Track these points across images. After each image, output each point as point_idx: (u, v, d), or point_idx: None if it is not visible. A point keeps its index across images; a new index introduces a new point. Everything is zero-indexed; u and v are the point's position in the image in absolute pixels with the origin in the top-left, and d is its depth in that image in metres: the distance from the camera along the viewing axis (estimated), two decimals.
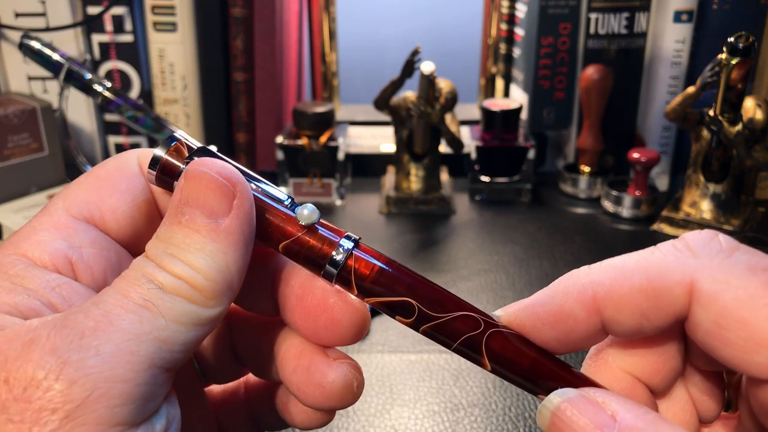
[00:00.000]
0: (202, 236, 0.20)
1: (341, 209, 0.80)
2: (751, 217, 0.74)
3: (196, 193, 0.20)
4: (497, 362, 0.22)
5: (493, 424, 0.47)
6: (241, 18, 0.79)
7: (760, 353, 0.18)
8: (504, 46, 0.91)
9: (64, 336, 0.18)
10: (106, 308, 0.19)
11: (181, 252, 0.20)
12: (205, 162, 0.21)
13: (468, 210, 0.80)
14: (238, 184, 0.21)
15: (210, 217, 0.20)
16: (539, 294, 0.22)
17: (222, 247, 0.20)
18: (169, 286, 0.19)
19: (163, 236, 0.20)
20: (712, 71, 0.67)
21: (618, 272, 0.20)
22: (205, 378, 0.27)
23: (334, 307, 0.23)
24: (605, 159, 0.84)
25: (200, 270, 0.20)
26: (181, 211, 0.20)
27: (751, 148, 0.69)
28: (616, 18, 0.79)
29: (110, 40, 0.80)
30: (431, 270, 0.66)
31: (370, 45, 1.05)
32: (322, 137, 0.78)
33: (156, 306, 0.19)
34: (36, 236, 0.21)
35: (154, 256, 0.20)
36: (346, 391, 0.23)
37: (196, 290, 0.20)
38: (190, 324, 0.19)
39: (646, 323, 0.20)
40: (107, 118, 0.84)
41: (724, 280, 0.19)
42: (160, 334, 0.19)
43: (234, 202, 0.20)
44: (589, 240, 0.73)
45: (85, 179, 0.23)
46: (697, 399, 0.23)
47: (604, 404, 0.19)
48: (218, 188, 0.20)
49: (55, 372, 0.17)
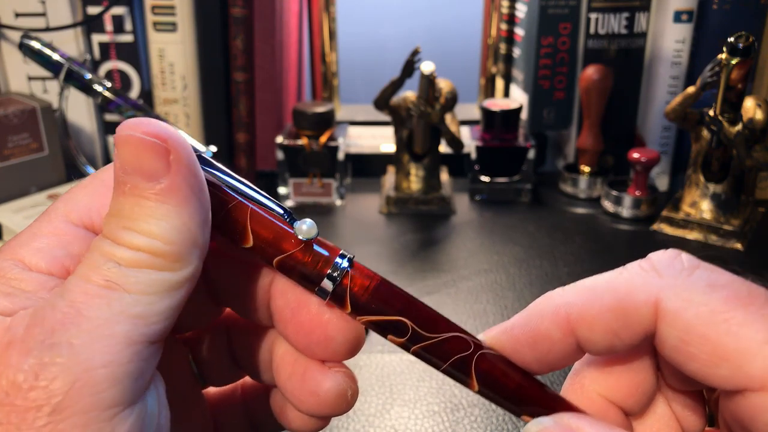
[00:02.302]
0: (149, 201, 0.19)
1: (341, 209, 0.80)
2: (751, 217, 0.74)
3: (130, 158, 0.19)
4: (485, 383, 0.22)
5: (493, 424, 0.47)
6: (241, 18, 0.79)
7: (722, 366, 0.19)
8: (504, 46, 0.91)
9: (36, 334, 0.18)
10: (71, 297, 0.18)
11: (133, 222, 0.19)
12: (130, 124, 0.20)
13: (468, 210, 0.80)
14: (169, 139, 0.19)
15: (150, 179, 0.19)
16: (517, 317, 0.23)
17: (172, 208, 0.19)
18: (128, 260, 0.19)
19: (113, 210, 0.20)
20: (712, 71, 0.67)
21: (589, 293, 0.21)
22: (203, 380, 0.27)
23: (329, 323, 0.23)
24: (605, 159, 0.84)
25: (156, 236, 0.19)
26: (123, 180, 0.19)
27: (751, 148, 0.69)
28: (616, 18, 0.79)
29: (110, 40, 0.80)
30: (431, 270, 0.66)
31: (370, 45, 1.05)
32: (322, 137, 0.78)
33: (119, 284, 0.19)
34: (35, 243, 0.21)
35: (108, 232, 0.19)
36: (340, 399, 0.23)
37: (158, 257, 0.19)
38: (161, 292, 0.19)
39: (617, 341, 0.21)
40: (107, 118, 0.84)
41: (687, 298, 0.20)
42: (132, 310, 0.18)
43: (170, 158, 0.19)
44: (589, 240, 0.73)
45: (89, 183, 0.22)
46: (681, 415, 0.23)
47: (579, 430, 0.20)
48: (150, 148, 0.19)
49: (34, 372, 0.17)
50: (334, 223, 0.77)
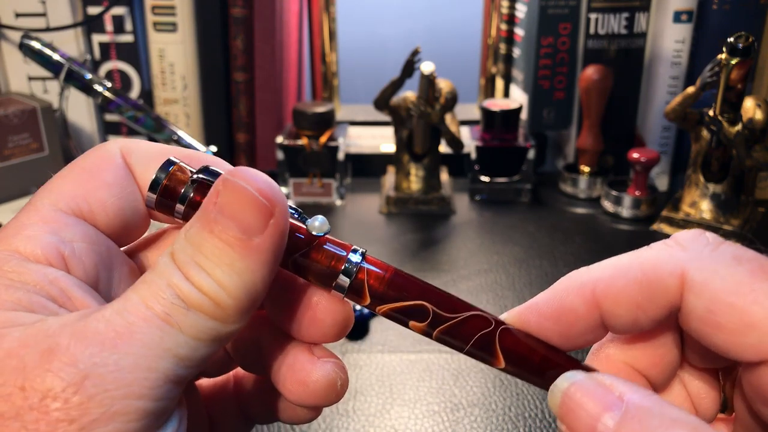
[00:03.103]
0: (233, 251, 0.19)
1: (341, 209, 0.80)
2: (750, 217, 0.74)
3: (233, 205, 0.19)
4: (510, 359, 0.23)
5: (493, 424, 0.47)
6: (241, 18, 0.79)
7: (749, 335, 0.19)
8: (504, 46, 0.91)
9: (85, 347, 0.18)
10: (128, 319, 0.18)
11: (210, 264, 0.19)
12: (246, 174, 0.20)
13: (468, 210, 0.80)
14: (277, 205, 0.20)
15: (244, 233, 0.19)
16: (541, 294, 0.23)
17: (251, 265, 0.19)
18: (193, 301, 0.19)
19: (193, 240, 0.20)
20: (712, 71, 0.67)
21: (614, 269, 0.21)
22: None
23: (318, 305, 0.23)
24: (605, 159, 0.84)
25: (226, 287, 0.19)
26: (215, 220, 0.19)
27: (751, 148, 0.69)
28: (616, 18, 0.79)
29: (110, 40, 0.80)
30: (431, 270, 0.66)
31: (370, 45, 1.05)
32: (322, 137, 0.78)
33: (177, 322, 0.19)
34: (25, 231, 0.21)
35: (181, 262, 0.19)
36: (329, 389, 0.23)
37: (220, 308, 0.19)
38: (209, 340, 0.19)
39: (642, 315, 0.21)
40: (107, 118, 0.84)
41: (713, 269, 0.20)
42: (179, 350, 0.19)
43: (270, 221, 0.20)
44: (589, 240, 0.73)
45: (69, 172, 0.22)
46: (695, 398, 0.23)
47: (612, 386, 0.20)
48: (257, 205, 0.19)
49: (75, 385, 0.17)
50: (334, 223, 0.77)
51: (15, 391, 0.17)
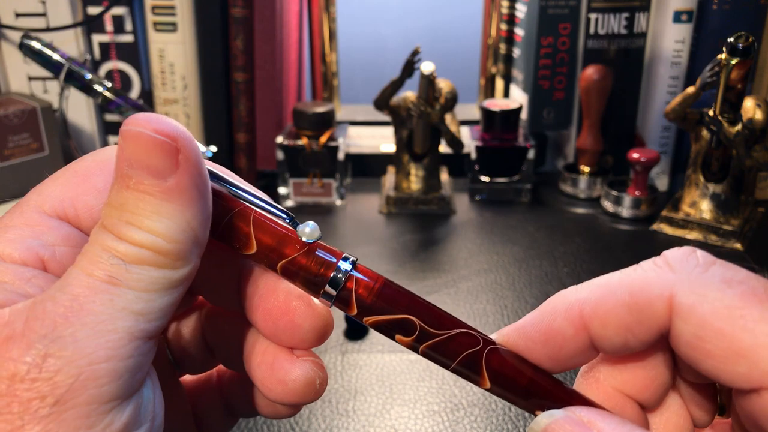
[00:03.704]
0: (153, 198, 0.19)
1: (341, 209, 0.80)
2: (750, 217, 0.74)
3: (137, 153, 0.19)
4: (496, 380, 0.22)
5: (493, 424, 0.47)
6: (241, 18, 0.79)
7: (739, 363, 0.18)
8: (504, 46, 0.91)
9: (38, 328, 0.18)
10: (73, 292, 0.18)
11: (137, 218, 0.19)
12: (139, 120, 0.19)
13: (468, 210, 0.80)
14: (179, 137, 0.19)
15: (158, 177, 0.19)
16: (529, 315, 0.22)
17: (177, 206, 0.19)
18: (132, 256, 0.19)
19: (115, 202, 0.19)
20: (712, 71, 0.67)
21: (602, 289, 0.21)
22: (178, 368, 0.28)
23: (296, 310, 0.23)
24: (605, 159, 0.84)
25: (161, 234, 0.19)
26: (127, 174, 0.19)
27: (751, 148, 0.69)
28: (616, 18, 0.79)
29: (110, 40, 0.80)
30: (431, 270, 0.66)
31: (370, 45, 1.05)
32: (322, 137, 0.78)
33: (122, 280, 0.19)
34: (6, 234, 0.21)
35: (110, 226, 0.19)
36: (308, 388, 0.23)
37: (161, 255, 0.19)
38: (162, 289, 0.19)
39: (631, 338, 0.21)
40: (107, 118, 0.84)
41: (702, 293, 0.19)
42: (133, 307, 0.19)
43: (179, 157, 0.19)
44: (589, 240, 0.73)
45: (62, 174, 0.22)
46: (691, 405, 0.23)
47: (590, 424, 0.20)
48: (159, 147, 0.19)
49: (37, 366, 0.17)
50: (334, 223, 0.77)
51: None
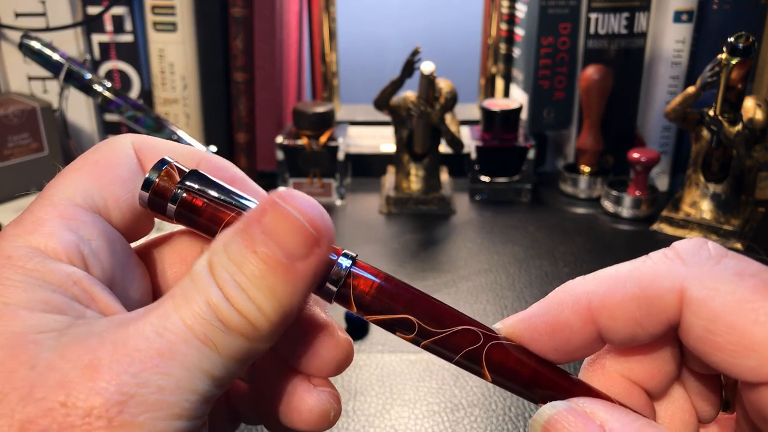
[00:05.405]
0: (275, 275, 0.19)
1: (341, 209, 0.80)
2: (751, 217, 0.74)
3: (278, 228, 0.19)
4: (498, 373, 0.22)
5: (493, 424, 0.47)
6: (241, 18, 0.79)
7: (750, 357, 0.18)
8: (504, 46, 0.91)
9: (127, 365, 0.17)
10: (169, 339, 0.18)
11: (251, 286, 0.19)
12: (294, 198, 0.19)
13: (468, 210, 0.80)
14: (322, 231, 0.19)
15: (288, 258, 0.19)
16: (535, 306, 0.22)
17: (292, 290, 0.19)
18: (232, 323, 0.19)
19: (233, 255, 0.19)
20: (712, 71, 0.67)
21: (611, 281, 0.21)
22: None
23: (320, 340, 0.23)
24: (605, 159, 0.84)
25: (266, 312, 0.19)
26: (259, 240, 0.19)
27: (751, 148, 0.69)
28: (616, 18, 0.79)
29: (110, 40, 0.80)
30: (431, 270, 0.66)
31: (370, 45, 1.05)
32: (322, 137, 0.78)
33: (216, 343, 0.18)
34: (44, 228, 0.20)
35: (221, 279, 0.19)
36: (322, 419, 0.23)
37: (257, 331, 0.19)
38: (242, 360, 0.19)
39: (640, 331, 0.20)
40: (107, 118, 0.84)
41: (713, 287, 0.19)
42: (215, 372, 0.19)
43: (315, 249, 0.19)
44: (589, 240, 0.73)
45: (83, 166, 0.22)
46: (696, 399, 0.23)
47: (593, 415, 0.20)
48: (302, 232, 0.19)
49: (119, 405, 0.17)
50: (334, 223, 0.77)
51: (56, 406, 0.17)
